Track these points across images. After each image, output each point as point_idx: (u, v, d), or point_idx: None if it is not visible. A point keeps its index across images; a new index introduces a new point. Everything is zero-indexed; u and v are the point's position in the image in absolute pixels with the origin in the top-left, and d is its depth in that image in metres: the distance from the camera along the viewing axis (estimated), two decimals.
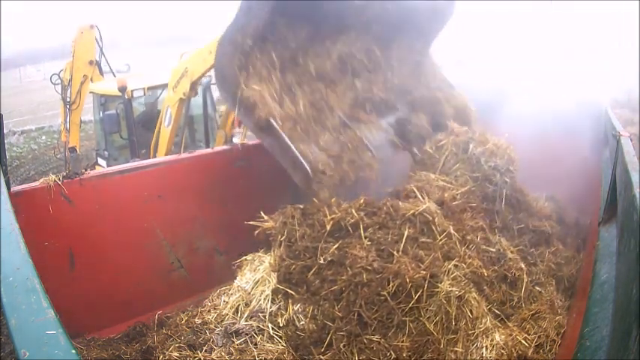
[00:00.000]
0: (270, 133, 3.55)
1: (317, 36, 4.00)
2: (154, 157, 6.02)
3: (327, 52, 4.12)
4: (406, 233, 3.29)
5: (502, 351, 3.20)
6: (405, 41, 4.69)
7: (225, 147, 5.09)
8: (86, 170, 3.97)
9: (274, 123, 3.48)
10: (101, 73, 7.84)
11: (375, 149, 4.03)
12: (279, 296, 3.27)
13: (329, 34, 4.11)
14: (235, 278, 3.63)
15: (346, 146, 3.88)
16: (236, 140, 5.90)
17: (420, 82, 4.75)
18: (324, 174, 3.57)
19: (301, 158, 3.50)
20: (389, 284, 3.01)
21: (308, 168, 3.48)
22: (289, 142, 3.51)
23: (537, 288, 3.85)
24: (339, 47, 4.19)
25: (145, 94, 6.64)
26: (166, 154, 5.86)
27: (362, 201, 3.54)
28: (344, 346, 2.96)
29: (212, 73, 6.14)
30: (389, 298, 2.98)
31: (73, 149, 8.23)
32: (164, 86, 5.82)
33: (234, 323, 3.26)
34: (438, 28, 4.84)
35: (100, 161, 7.39)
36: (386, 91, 4.43)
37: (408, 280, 3.02)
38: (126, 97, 6.32)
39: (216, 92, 7.09)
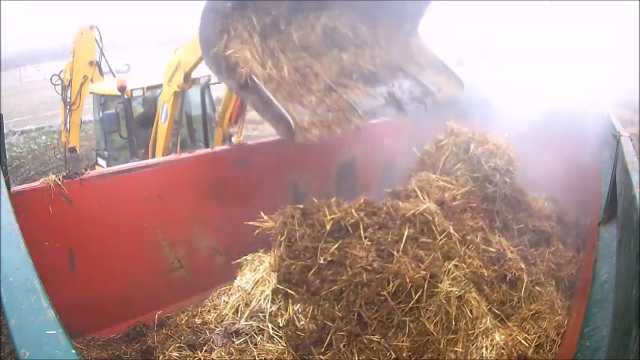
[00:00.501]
0: (253, 91, 3.53)
1: (299, 8, 4.01)
2: (153, 154, 6.02)
3: (310, 25, 4.11)
4: (406, 233, 3.29)
5: (502, 351, 3.20)
6: (393, 21, 4.68)
7: (224, 147, 5.09)
8: (86, 170, 3.96)
9: (256, 79, 3.49)
10: (101, 73, 7.83)
11: (364, 112, 3.99)
12: (279, 296, 3.27)
13: (311, 7, 4.11)
14: (235, 278, 3.63)
15: (332, 107, 3.84)
16: (234, 138, 5.90)
17: (411, 59, 4.74)
18: (307, 128, 3.56)
19: (284, 110, 3.47)
20: (389, 284, 3.01)
21: (290, 119, 3.43)
22: (271, 96, 3.49)
23: (537, 288, 3.85)
24: (324, 21, 4.18)
25: (144, 94, 6.65)
26: (164, 151, 5.86)
27: (362, 201, 3.54)
28: (344, 346, 2.96)
29: (210, 72, 6.21)
30: (389, 298, 2.98)
31: (73, 149, 8.23)
32: (162, 86, 5.82)
33: (234, 323, 3.26)
34: (422, 8, 4.82)
35: (100, 161, 7.38)
36: (374, 65, 4.41)
37: (408, 280, 3.02)
38: (125, 96, 6.33)
39: (215, 91, 7.12)
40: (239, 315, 3.33)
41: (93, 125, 8.56)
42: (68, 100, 7.97)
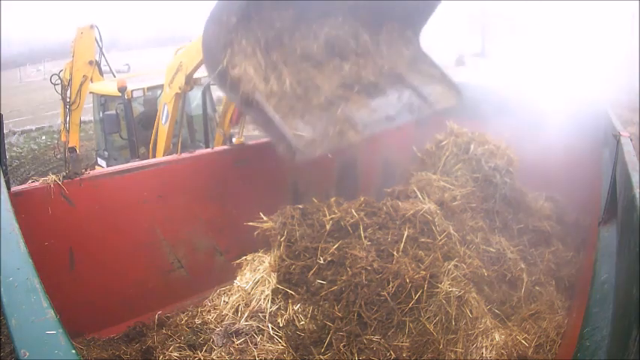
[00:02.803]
0: (256, 109, 3.59)
1: (303, 18, 4.02)
2: (153, 155, 6.02)
3: (313, 35, 4.14)
4: (406, 233, 3.29)
5: (502, 351, 3.20)
6: (395, 28, 4.70)
7: (225, 147, 5.09)
8: (86, 170, 3.96)
9: (258, 97, 3.53)
10: (101, 73, 7.83)
11: (362, 127, 4.05)
12: (279, 296, 3.27)
13: (315, 16, 4.12)
14: (235, 278, 3.63)
15: (332, 122, 3.91)
16: (234, 139, 5.90)
17: (411, 67, 4.76)
18: (307, 147, 3.62)
19: (285, 131, 3.53)
20: (389, 284, 3.01)
21: (291, 141, 3.50)
22: (273, 114, 3.55)
23: (537, 288, 3.86)
24: (327, 30, 4.21)
25: (144, 95, 6.65)
26: (165, 152, 5.86)
27: (362, 201, 3.54)
28: (344, 346, 2.96)
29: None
30: (389, 299, 2.99)
31: (72, 149, 8.23)
32: (162, 86, 5.82)
33: (234, 323, 3.26)
34: (426, 16, 4.84)
35: (100, 161, 7.39)
36: (375, 75, 4.45)
37: (407, 280, 3.02)
38: (126, 97, 6.33)
39: (215, 92, 7.11)
40: (239, 315, 3.33)
41: (93, 125, 8.56)
42: (68, 99, 7.97)
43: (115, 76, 8.01)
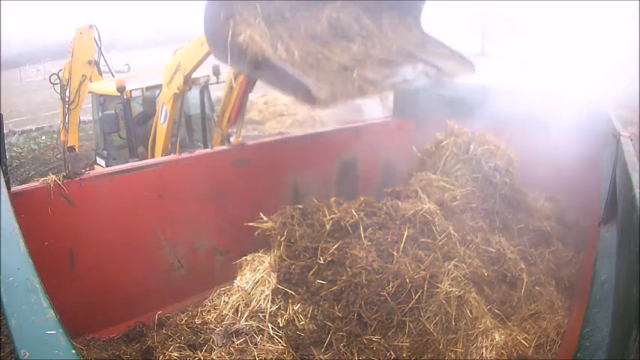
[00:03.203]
0: (267, 66, 3.45)
1: (301, 1, 4.03)
2: (152, 154, 6.04)
3: (315, 17, 4.10)
4: (406, 233, 3.29)
5: (502, 351, 3.20)
6: (395, 14, 4.70)
7: (225, 147, 5.09)
8: (85, 170, 3.96)
9: (269, 53, 3.43)
10: (100, 73, 7.85)
11: (380, 85, 3.96)
12: (279, 296, 3.27)
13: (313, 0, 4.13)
14: (235, 278, 3.63)
15: (349, 81, 3.83)
16: (232, 138, 5.92)
17: (419, 48, 4.73)
18: (328, 97, 3.51)
19: (304, 77, 3.37)
20: (389, 284, 3.01)
21: (312, 87, 3.31)
22: (286, 64, 3.43)
23: (537, 288, 3.86)
24: (328, 13, 4.17)
25: (143, 94, 6.68)
26: (164, 151, 5.88)
27: (362, 201, 3.54)
28: (344, 346, 2.96)
29: (210, 73, 6.22)
30: (389, 299, 2.99)
31: (72, 148, 8.26)
32: (161, 86, 5.85)
33: (234, 323, 3.26)
34: (420, 3, 4.84)
35: (99, 160, 7.42)
36: (385, 53, 4.40)
37: (407, 280, 3.02)
38: (124, 97, 6.35)
39: (214, 92, 7.13)
40: (239, 315, 3.33)
41: (93, 125, 8.58)
42: (67, 99, 7.99)
43: (114, 76, 8.03)
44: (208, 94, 6.93)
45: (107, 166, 6.88)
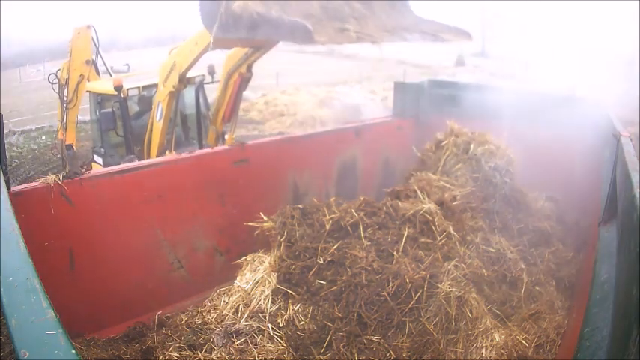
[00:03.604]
0: (263, 21, 3.51)
1: None
2: (148, 152, 6.15)
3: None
4: (406, 233, 3.29)
5: (502, 351, 3.20)
6: (385, 2, 4.75)
7: (225, 147, 5.10)
8: (83, 168, 3.97)
9: (262, 9, 3.49)
10: (97, 72, 7.90)
11: (378, 38, 4.02)
12: (279, 296, 3.27)
13: None
14: (235, 278, 3.63)
15: (346, 33, 3.90)
16: (227, 136, 6.05)
17: (414, 26, 4.77)
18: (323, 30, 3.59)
19: (295, 18, 3.45)
20: (389, 284, 3.01)
21: (305, 23, 3.38)
22: (280, 13, 3.50)
23: (537, 288, 3.86)
24: None
25: (139, 93, 6.83)
26: (159, 148, 5.99)
27: (362, 201, 3.54)
28: (344, 346, 2.96)
29: (205, 72, 6.37)
30: (389, 299, 2.99)
31: (69, 147, 8.34)
32: (157, 85, 5.97)
33: (234, 323, 3.26)
34: None
35: (97, 158, 7.52)
36: (380, 31, 4.45)
37: (407, 280, 3.02)
38: (122, 95, 6.47)
39: (209, 93, 7.26)
40: (239, 315, 3.33)
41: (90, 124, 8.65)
42: (65, 98, 8.06)
43: (112, 76, 8.09)
44: (203, 92, 7.06)
45: (104, 163, 6.99)
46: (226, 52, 5.49)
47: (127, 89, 6.52)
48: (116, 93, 6.41)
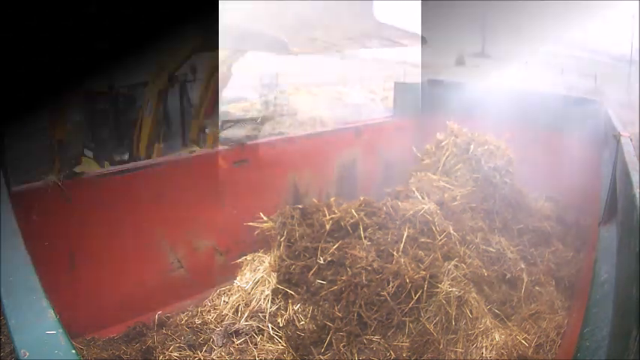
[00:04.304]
0: (248, 34, 3.84)
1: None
2: (137, 145, 6.60)
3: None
4: (406, 233, 3.29)
5: (502, 351, 3.20)
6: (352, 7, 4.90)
7: (224, 147, 5.10)
8: (74, 161, 4.04)
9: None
10: None
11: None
12: (279, 296, 3.27)
13: None
14: (235, 278, 3.63)
15: (315, 44, 4.22)
16: (207, 130, 6.71)
17: (377, 32, 4.96)
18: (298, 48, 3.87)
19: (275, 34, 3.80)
20: (389, 284, 3.01)
21: (284, 37, 3.78)
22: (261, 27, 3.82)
23: (537, 288, 3.86)
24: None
25: (130, 90, 7.22)
26: (148, 143, 6.48)
27: (362, 201, 3.54)
28: (344, 346, 2.96)
29: (188, 71, 7.00)
30: (389, 299, 2.99)
31: (60, 141, 8.49)
32: (148, 83, 6.46)
33: (234, 323, 3.27)
34: None
35: (87, 152, 7.73)
36: (346, 38, 4.64)
37: (407, 280, 3.02)
38: (113, 92, 6.92)
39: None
40: (239, 315, 3.34)
41: (83, 119, 8.94)
42: None
43: None
44: (187, 90, 7.48)
45: (95, 156, 7.38)
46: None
47: (119, 86, 7.07)
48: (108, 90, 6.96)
